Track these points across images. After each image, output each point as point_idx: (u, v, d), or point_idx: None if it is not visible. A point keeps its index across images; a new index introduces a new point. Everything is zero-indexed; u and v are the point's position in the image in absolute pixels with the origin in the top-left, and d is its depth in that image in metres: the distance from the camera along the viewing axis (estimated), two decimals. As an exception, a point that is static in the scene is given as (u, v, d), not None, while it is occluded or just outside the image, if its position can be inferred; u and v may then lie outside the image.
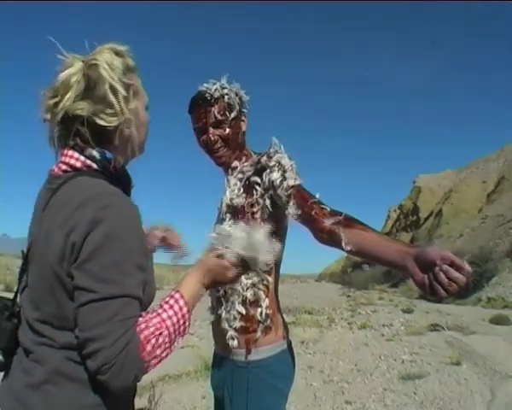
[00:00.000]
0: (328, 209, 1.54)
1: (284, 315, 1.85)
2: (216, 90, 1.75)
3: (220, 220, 1.75)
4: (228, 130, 1.75)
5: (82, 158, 1.18)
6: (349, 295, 27.79)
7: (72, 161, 1.18)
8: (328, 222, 1.49)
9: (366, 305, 18.10)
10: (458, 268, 1.17)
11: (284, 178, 1.60)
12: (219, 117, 1.73)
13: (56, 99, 1.16)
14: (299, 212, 1.56)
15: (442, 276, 1.18)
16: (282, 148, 1.69)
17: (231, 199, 1.72)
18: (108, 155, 1.21)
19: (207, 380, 1.88)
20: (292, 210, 1.57)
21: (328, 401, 5.19)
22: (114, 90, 1.16)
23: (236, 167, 1.79)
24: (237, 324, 1.65)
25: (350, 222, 1.48)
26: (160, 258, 1.93)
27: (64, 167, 1.19)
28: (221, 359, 1.76)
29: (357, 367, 6.73)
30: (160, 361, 1.10)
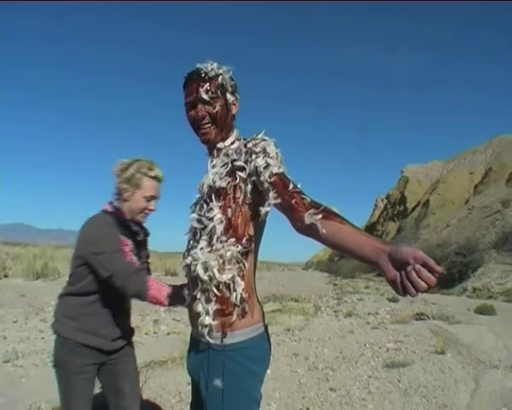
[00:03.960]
0: (309, 200, 1.52)
1: (271, 302, 1.85)
2: (212, 69, 1.75)
3: (203, 202, 1.73)
4: (217, 108, 1.74)
5: (107, 206, 2.43)
6: (335, 284, 28.02)
7: (104, 207, 2.44)
8: (306, 213, 1.48)
9: (352, 293, 18.25)
10: (430, 269, 1.19)
11: (268, 165, 1.59)
12: (210, 94, 1.73)
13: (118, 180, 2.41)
14: (279, 200, 1.55)
15: (414, 275, 1.20)
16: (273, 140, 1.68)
17: (214, 181, 1.70)
18: (117, 205, 2.41)
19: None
20: (272, 198, 1.56)
21: (313, 387, 5.19)
22: (121, 178, 2.37)
23: (221, 149, 1.78)
24: (213, 306, 1.63)
25: (328, 214, 1.47)
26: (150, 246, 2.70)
27: (101, 209, 2.44)
28: (197, 342, 1.74)
29: (343, 355, 6.75)
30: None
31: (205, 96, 1.73)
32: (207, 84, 1.73)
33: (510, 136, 53.20)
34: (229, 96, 1.77)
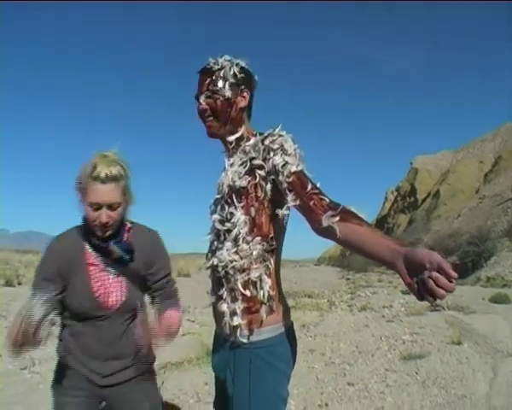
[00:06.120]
0: (327, 200, 1.51)
1: (285, 299, 1.83)
2: (216, 62, 1.77)
3: (224, 202, 1.72)
4: (219, 102, 1.74)
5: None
6: (348, 278, 27.91)
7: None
8: (324, 215, 1.47)
9: (366, 287, 18.18)
10: (446, 275, 1.17)
11: (286, 163, 1.58)
12: (210, 87, 1.75)
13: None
14: (298, 202, 1.54)
15: (432, 284, 1.18)
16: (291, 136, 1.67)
17: (233, 180, 1.69)
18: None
19: (209, 367, 1.86)
20: (290, 200, 1.55)
21: (331, 383, 5.19)
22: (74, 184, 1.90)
23: (232, 142, 1.78)
24: (240, 304, 1.63)
25: (346, 215, 1.46)
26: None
27: None
28: (223, 340, 1.74)
29: (359, 349, 6.75)
30: None
31: (205, 90, 1.76)
32: (209, 77, 1.75)
33: (519, 122, 52.83)
34: (230, 88, 1.75)
